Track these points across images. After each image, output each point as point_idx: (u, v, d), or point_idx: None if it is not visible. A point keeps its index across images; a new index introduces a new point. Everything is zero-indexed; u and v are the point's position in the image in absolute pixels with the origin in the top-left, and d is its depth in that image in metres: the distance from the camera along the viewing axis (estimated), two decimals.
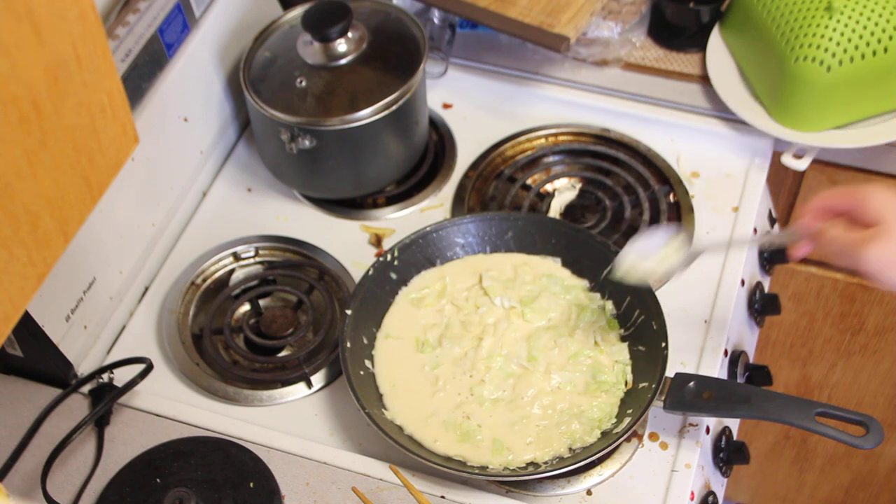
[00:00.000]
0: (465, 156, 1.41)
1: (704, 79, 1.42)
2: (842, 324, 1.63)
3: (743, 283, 1.28)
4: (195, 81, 1.32)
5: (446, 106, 1.47)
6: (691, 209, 1.32)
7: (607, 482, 1.10)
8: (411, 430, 1.11)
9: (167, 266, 1.31)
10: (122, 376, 1.14)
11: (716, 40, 1.43)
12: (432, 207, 1.36)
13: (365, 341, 1.18)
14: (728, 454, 1.19)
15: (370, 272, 1.20)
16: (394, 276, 1.22)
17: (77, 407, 1.16)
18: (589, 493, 1.09)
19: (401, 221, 1.34)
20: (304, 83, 1.27)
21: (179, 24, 1.26)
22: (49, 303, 1.11)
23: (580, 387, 1.13)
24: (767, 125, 1.33)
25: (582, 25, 1.34)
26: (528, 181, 1.37)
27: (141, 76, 1.21)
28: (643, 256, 1.07)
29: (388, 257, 1.22)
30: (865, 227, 0.94)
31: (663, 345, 1.11)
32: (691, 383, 1.08)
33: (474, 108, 1.46)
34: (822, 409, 1.00)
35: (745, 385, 1.16)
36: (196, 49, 1.30)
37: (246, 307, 1.28)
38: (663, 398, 1.07)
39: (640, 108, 1.41)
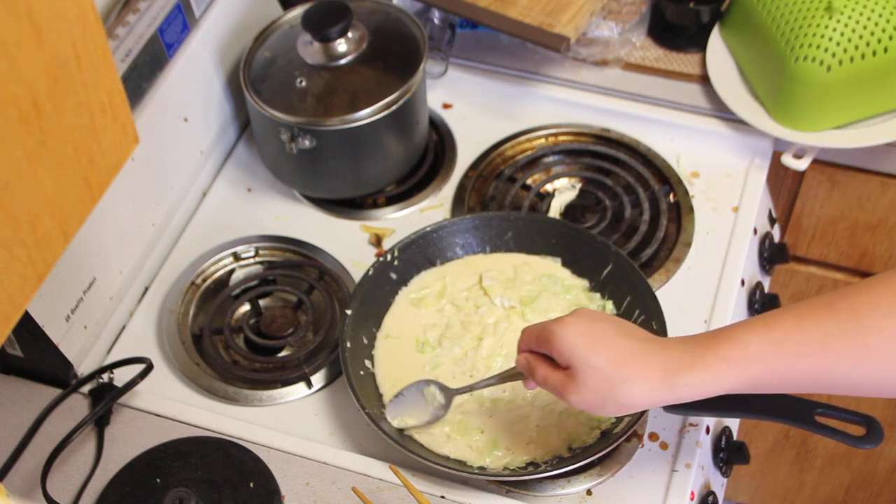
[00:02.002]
0: (465, 156, 1.41)
1: (704, 79, 1.42)
2: None
3: (743, 283, 1.28)
4: (195, 81, 1.32)
5: (446, 106, 1.47)
6: (691, 209, 1.32)
7: (607, 482, 1.10)
8: (411, 430, 1.11)
9: (167, 266, 1.31)
10: (122, 376, 1.14)
11: (716, 40, 1.43)
12: (432, 207, 1.36)
13: (365, 341, 1.18)
14: (728, 454, 1.19)
15: (370, 272, 1.20)
16: (394, 276, 1.22)
17: (77, 407, 1.16)
18: (589, 493, 1.09)
19: (401, 221, 1.34)
20: (304, 83, 1.27)
21: (179, 24, 1.26)
22: (49, 303, 1.11)
23: None
24: (767, 125, 1.33)
25: (582, 25, 1.34)
26: (528, 181, 1.37)
27: (141, 76, 1.21)
28: (408, 414, 1.11)
29: (388, 257, 1.22)
30: (562, 366, 0.93)
31: None
32: None
33: (474, 108, 1.46)
34: (822, 409, 1.00)
35: None
36: (196, 49, 1.30)
37: (246, 307, 1.28)
38: None
39: (640, 108, 1.41)
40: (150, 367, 1.12)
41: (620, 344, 0.91)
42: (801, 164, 1.33)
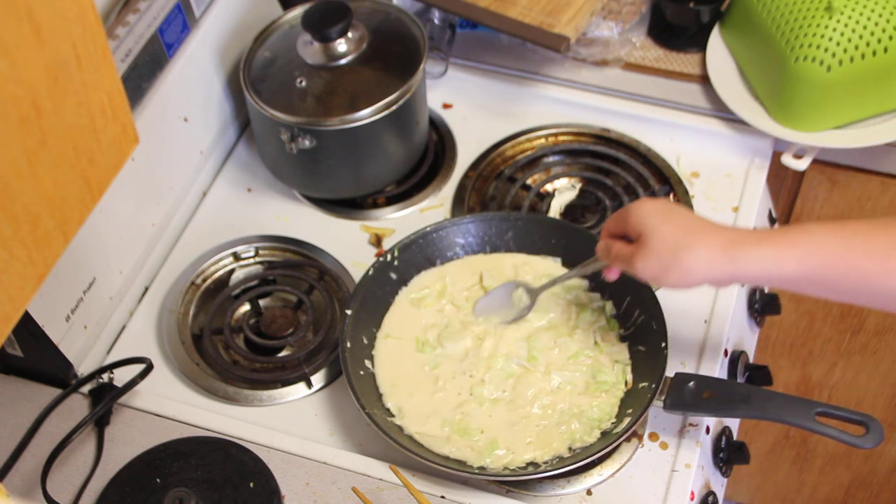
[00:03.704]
0: (465, 156, 1.41)
1: (704, 79, 1.42)
2: (842, 324, 1.63)
3: (743, 283, 1.28)
4: (195, 81, 1.32)
5: (446, 106, 1.47)
6: (691, 209, 1.32)
7: (607, 482, 1.10)
8: (411, 430, 1.11)
9: (167, 266, 1.31)
10: (122, 376, 1.14)
11: (716, 40, 1.43)
12: (432, 207, 1.36)
13: (365, 341, 1.18)
14: (728, 454, 1.19)
15: (370, 272, 1.20)
16: (394, 276, 1.22)
17: (77, 407, 1.16)
18: (589, 493, 1.09)
19: (401, 221, 1.34)
20: (304, 83, 1.27)
21: (179, 24, 1.26)
22: (49, 303, 1.11)
23: (580, 387, 1.13)
24: (767, 125, 1.33)
25: (582, 25, 1.34)
26: (528, 181, 1.37)
27: (141, 76, 1.21)
28: (494, 311, 1.18)
29: (388, 257, 1.22)
30: (635, 239, 1.00)
31: (663, 345, 1.11)
32: (691, 383, 1.08)
33: (474, 108, 1.46)
34: (822, 409, 1.00)
35: (745, 385, 1.16)
36: (196, 49, 1.30)
37: (246, 307, 1.28)
38: (663, 398, 1.07)
39: (640, 108, 1.41)
40: (150, 367, 1.12)
41: (690, 218, 0.98)
42: (801, 164, 1.33)
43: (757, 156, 1.37)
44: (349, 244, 1.32)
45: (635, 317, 1.16)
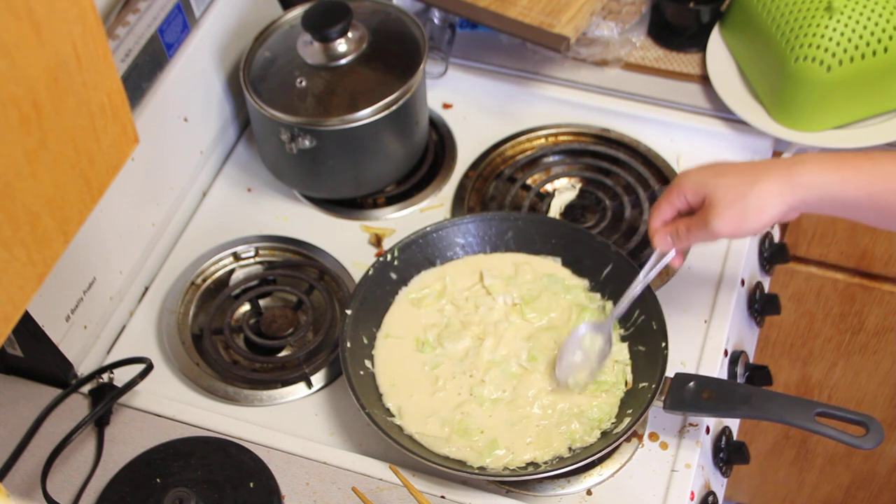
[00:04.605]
0: (465, 156, 1.41)
1: (704, 79, 1.42)
2: (842, 324, 1.63)
3: (743, 283, 1.28)
4: (195, 81, 1.32)
5: (446, 106, 1.47)
6: None
7: (607, 482, 1.10)
8: (411, 430, 1.11)
9: (167, 266, 1.31)
10: (122, 376, 1.14)
11: (716, 40, 1.43)
12: (432, 207, 1.36)
13: (365, 341, 1.18)
14: (728, 454, 1.19)
15: (370, 272, 1.20)
16: (394, 276, 1.22)
17: (77, 407, 1.16)
18: (589, 493, 1.09)
19: (401, 221, 1.34)
20: (304, 83, 1.27)
21: (179, 24, 1.26)
22: (49, 303, 1.11)
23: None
24: (767, 125, 1.33)
25: (582, 25, 1.34)
26: (528, 181, 1.37)
27: (141, 76, 1.21)
28: (577, 367, 1.12)
29: (388, 257, 1.22)
30: (696, 206, 1.01)
31: (663, 345, 1.11)
32: (691, 383, 1.08)
33: (474, 108, 1.46)
34: (822, 409, 1.00)
35: (745, 385, 1.16)
36: (196, 49, 1.30)
37: (246, 307, 1.28)
38: (663, 398, 1.07)
39: (640, 108, 1.41)
40: (150, 367, 1.12)
41: (740, 164, 1.01)
42: None
43: (757, 156, 1.37)
44: (349, 244, 1.32)
45: (635, 317, 1.16)
